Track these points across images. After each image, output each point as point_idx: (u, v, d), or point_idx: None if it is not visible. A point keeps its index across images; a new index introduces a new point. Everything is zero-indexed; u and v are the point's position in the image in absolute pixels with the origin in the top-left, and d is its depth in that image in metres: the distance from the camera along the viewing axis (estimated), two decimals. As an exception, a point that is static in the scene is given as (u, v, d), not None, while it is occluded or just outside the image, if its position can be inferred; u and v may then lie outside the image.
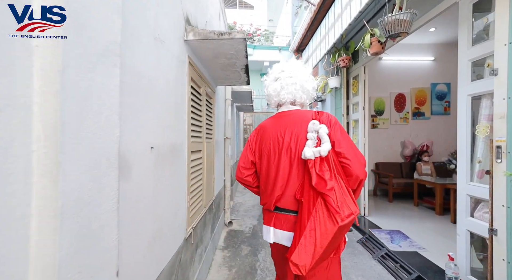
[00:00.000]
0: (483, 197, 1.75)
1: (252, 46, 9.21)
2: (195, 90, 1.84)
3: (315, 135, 1.04)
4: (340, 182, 1.00)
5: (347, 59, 3.07)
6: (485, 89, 1.74)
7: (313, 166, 0.99)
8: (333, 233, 0.93)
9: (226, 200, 3.48)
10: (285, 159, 1.12)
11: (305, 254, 0.95)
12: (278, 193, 1.12)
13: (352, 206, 0.97)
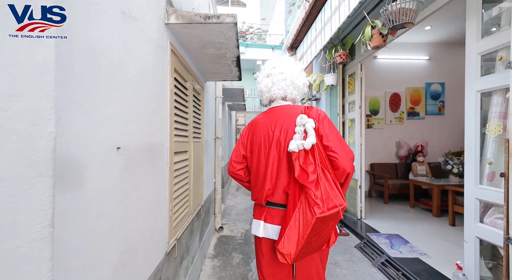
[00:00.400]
0: (494, 201, 1.62)
1: (245, 44, 9.03)
2: (180, 84, 1.63)
3: (302, 129, 1.05)
4: (327, 175, 1.02)
5: (344, 55, 2.92)
6: (497, 85, 1.60)
7: (297, 158, 1.01)
8: (312, 224, 0.95)
9: (216, 204, 3.27)
10: (275, 153, 1.13)
11: (289, 243, 0.99)
12: (269, 187, 1.14)
13: (337, 199, 0.99)
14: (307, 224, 0.96)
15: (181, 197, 1.66)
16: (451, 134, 5.18)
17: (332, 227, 1.04)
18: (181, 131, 1.66)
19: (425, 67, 5.16)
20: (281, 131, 1.13)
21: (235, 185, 6.44)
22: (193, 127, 2.05)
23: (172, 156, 1.44)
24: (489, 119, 1.70)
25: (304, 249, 1.00)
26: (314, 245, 1.04)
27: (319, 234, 1.01)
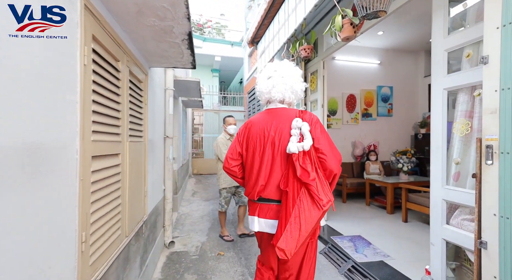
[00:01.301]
0: (461, 202, 1.58)
1: (202, 38, 8.48)
2: (105, 62, 1.17)
3: (298, 131, 1.13)
4: (319, 174, 1.12)
5: (309, 49, 2.76)
6: (463, 83, 1.56)
7: (297, 159, 1.09)
8: (318, 218, 1.06)
9: (166, 215, 2.78)
10: (269, 152, 1.21)
11: (291, 239, 1.03)
12: (262, 183, 1.22)
13: (329, 194, 1.11)
14: (311, 218, 1.04)
15: (107, 218, 1.20)
16: (398, 135, 5.59)
17: (319, 221, 1.13)
18: (106, 127, 1.20)
19: (376, 71, 5.46)
20: (276, 132, 1.20)
21: (191, 189, 5.89)
22: (131, 123, 1.59)
23: (87, 162, 0.99)
24: (455, 118, 1.66)
25: (302, 242, 1.07)
26: (307, 238, 1.12)
27: (314, 227, 1.10)
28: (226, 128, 3.06)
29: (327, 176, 1.15)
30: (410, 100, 5.66)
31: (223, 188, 3.02)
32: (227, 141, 3.02)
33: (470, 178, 1.59)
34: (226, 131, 3.08)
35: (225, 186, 3.00)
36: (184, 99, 4.82)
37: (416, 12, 3.92)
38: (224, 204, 3.04)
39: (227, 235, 3.01)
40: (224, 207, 3.05)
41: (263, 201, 1.23)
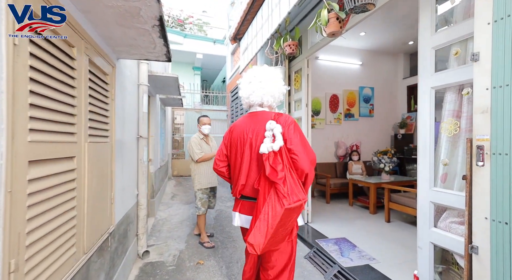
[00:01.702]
0: (450, 205, 1.53)
1: (183, 34, 8.16)
2: (52, 45, 0.96)
3: (271, 133, 1.18)
4: (292, 174, 1.15)
5: (294, 45, 2.65)
6: (451, 81, 1.52)
7: (267, 159, 1.14)
8: (281, 215, 1.08)
9: (140, 223, 2.53)
10: (247, 153, 1.29)
11: (259, 234, 1.09)
12: (242, 182, 1.30)
13: (300, 194, 1.12)
14: (275, 215, 1.07)
15: (54, 235, 0.99)
16: (379, 135, 5.68)
17: (295, 220, 1.18)
18: (54, 125, 0.99)
19: (358, 71, 5.51)
20: (254, 134, 1.26)
21: (170, 192, 5.60)
22: (91, 120, 1.37)
23: (20, 168, 0.78)
24: (442, 117, 1.62)
25: (272, 239, 1.10)
26: (279, 237, 1.15)
27: (284, 225, 1.12)
28: (200, 128, 2.94)
29: (299, 175, 1.18)
30: (390, 101, 5.78)
31: (198, 189, 2.88)
32: (200, 141, 2.90)
33: (458, 179, 1.55)
34: (200, 131, 2.97)
35: (200, 187, 2.87)
36: (162, 97, 4.55)
37: (396, 14, 3.97)
38: (201, 206, 2.89)
39: (207, 242, 2.84)
40: (201, 209, 2.89)
41: (244, 198, 1.32)
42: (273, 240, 1.12)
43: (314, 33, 3.08)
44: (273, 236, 1.10)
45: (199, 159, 2.80)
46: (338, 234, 2.95)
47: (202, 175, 2.86)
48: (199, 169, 2.87)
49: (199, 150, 2.82)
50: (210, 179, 2.90)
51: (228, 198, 5.17)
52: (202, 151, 2.85)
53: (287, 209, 1.07)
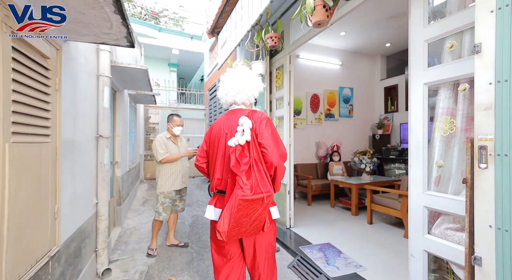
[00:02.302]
0: (446, 210, 1.41)
1: (157, 28, 7.66)
2: None
3: (241, 128, 1.22)
4: (259, 167, 1.20)
5: (276, 37, 2.46)
6: (445, 77, 1.41)
7: (233, 152, 1.18)
8: (237, 205, 1.11)
9: (99, 236, 2.17)
10: (222, 148, 1.34)
11: (224, 223, 1.16)
12: (218, 176, 1.34)
13: (266, 187, 1.16)
14: (234, 206, 1.12)
15: None
16: (358, 135, 5.72)
17: (262, 212, 1.19)
18: None
19: (338, 72, 5.50)
20: (229, 130, 1.32)
21: (141, 197, 5.14)
22: (17, 113, 1.05)
23: None
24: (436, 116, 1.51)
25: (237, 228, 1.17)
26: (247, 227, 1.20)
27: (247, 216, 1.16)
28: (171, 127, 2.67)
29: (268, 168, 1.22)
30: (368, 102, 5.85)
31: (160, 192, 2.61)
32: (166, 140, 2.63)
33: (453, 182, 1.45)
34: (169, 131, 2.69)
35: (162, 190, 2.60)
36: (132, 93, 4.13)
37: (375, 16, 3.97)
38: (162, 211, 2.61)
39: (151, 249, 2.61)
40: (162, 215, 2.61)
41: (220, 192, 1.35)
42: (238, 229, 1.18)
43: (297, 28, 2.93)
44: (236, 225, 1.16)
45: (163, 159, 2.52)
46: (322, 239, 2.81)
47: (166, 177, 2.60)
48: (163, 171, 2.60)
49: (163, 150, 2.54)
50: (175, 181, 2.63)
51: (205, 202, 4.86)
52: (168, 151, 2.58)
53: (243, 200, 1.10)
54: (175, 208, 2.79)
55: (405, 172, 4.81)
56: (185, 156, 2.70)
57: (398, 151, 5.09)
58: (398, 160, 4.95)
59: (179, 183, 2.67)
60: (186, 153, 2.69)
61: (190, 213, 4.18)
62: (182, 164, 2.70)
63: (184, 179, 2.73)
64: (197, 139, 7.95)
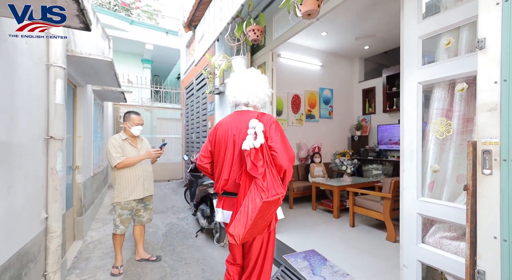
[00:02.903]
0: (442, 218, 1.32)
1: (129, 20, 7.13)
2: None
3: (253, 131, 1.24)
4: (271, 170, 1.22)
5: (258, 30, 2.27)
6: (442, 75, 1.32)
7: (249, 155, 1.20)
8: (260, 207, 1.14)
9: (50, 257, 1.82)
10: (230, 149, 1.35)
11: (239, 226, 1.16)
12: (225, 178, 1.36)
13: (279, 189, 1.19)
14: (255, 208, 1.14)
15: None
16: (337, 137, 5.75)
17: (273, 212, 1.24)
18: None
19: (319, 73, 5.48)
20: (237, 132, 1.33)
21: (109, 204, 4.67)
22: None
23: None
24: (430, 117, 1.42)
25: (251, 230, 1.18)
26: (258, 228, 1.22)
27: (263, 217, 1.19)
28: (129, 127, 2.32)
29: (278, 171, 1.25)
30: (347, 104, 5.92)
31: (117, 202, 2.27)
32: (122, 142, 2.28)
33: (448, 188, 1.37)
34: (126, 131, 2.36)
35: (119, 200, 2.25)
36: (97, 89, 3.70)
37: (355, 17, 3.97)
38: (120, 224, 2.29)
39: (115, 267, 2.30)
40: (120, 228, 2.29)
41: (227, 194, 1.37)
42: (252, 231, 1.19)
43: (280, 23, 2.78)
44: (252, 227, 1.17)
45: (119, 164, 2.18)
46: (306, 245, 2.68)
47: (124, 184, 2.25)
48: (120, 177, 2.25)
49: (118, 153, 2.20)
50: (135, 189, 2.29)
51: (182, 208, 4.53)
52: (124, 154, 2.24)
53: (265, 202, 1.13)
54: (139, 219, 2.47)
55: (381, 172, 4.90)
56: (146, 159, 2.35)
57: (375, 152, 5.18)
58: (376, 161, 5.03)
59: (140, 190, 2.33)
60: (147, 155, 2.32)
61: (164, 220, 3.85)
62: (144, 169, 2.37)
63: (147, 185, 2.39)
64: (173, 140, 7.52)
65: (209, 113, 4.66)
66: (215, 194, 2.92)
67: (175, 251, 2.79)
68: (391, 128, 5.03)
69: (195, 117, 5.72)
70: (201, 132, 5.21)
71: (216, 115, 4.18)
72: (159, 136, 7.49)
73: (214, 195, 2.92)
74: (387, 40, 4.86)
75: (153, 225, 3.58)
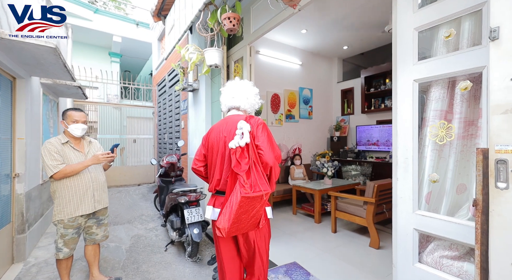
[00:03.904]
0: (441, 234, 1.16)
1: (93, 8, 6.46)
2: None
3: (240, 132, 1.31)
4: (258, 168, 1.29)
5: (235, 19, 1.99)
6: (442, 72, 1.16)
7: (234, 153, 1.27)
8: (239, 202, 1.20)
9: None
10: (222, 150, 1.41)
11: (224, 219, 1.24)
12: (218, 177, 1.42)
13: (264, 186, 1.25)
14: (236, 202, 1.20)
15: None
16: (317, 137, 5.67)
17: (260, 210, 1.28)
18: None
19: (298, 72, 5.34)
20: (227, 133, 1.40)
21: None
22: None
23: None
24: (427, 120, 1.26)
25: (236, 224, 1.25)
26: (245, 223, 1.28)
27: (247, 213, 1.24)
28: (66, 126, 1.90)
29: (264, 168, 1.32)
30: (326, 104, 5.86)
31: (58, 220, 1.83)
32: (61, 147, 1.85)
33: (447, 200, 1.21)
34: (65, 133, 1.94)
35: (61, 218, 1.82)
36: (47, 83, 3.18)
37: (334, 16, 3.87)
38: (63, 247, 1.86)
39: None
40: (63, 251, 1.85)
41: (219, 193, 1.43)
42: (238, 225, 1.25)
43: (259, 14, 2.53)
44: (236, 221, 1.23)
45: (57, 174, 1.76)
46: (287, 257, 2.47)
47: (66, 198, 1.82)
48: (60, 190, 1.82)
49: (54, 161, 1.77)
50: (82, 202, 1.88)
51: (151, 216, 4.12)
52: (64, 162, 1.82)
53: (245, 197, 1.18)
54: (91, 238, 2.05)
55: (359, 173, 4.88)
56: (93, 165, 1.94)
57: (354, 153, 5.16)
58: (355, 162, 5.00)
59: (89, 203, 1.91)
60: (94, 159, 1.88)
61: (130, 232, 3.43)
62: (93, 177, 1.95)
63: (98, 197, 1.98)
64: (146, 141, 6.95)
65: (182, 112, 4.29)
66: (186, 203, 2.61)
67: (139, 270, 2.42)
68: (369, 129, 5.04)
69: (167, 116, 5.29)
70: (174, 133, 4.81)
71: (189, 115, 3.84)
72: (129, 137, 6.89)
73: (185, 204, 2.60)
74: (365, 40, 4.85)
75: (115, 239, 3.15)
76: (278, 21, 2.23)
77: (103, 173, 2.11)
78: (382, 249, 2.66)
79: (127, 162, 6.83)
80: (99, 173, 2.05)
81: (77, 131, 1.91)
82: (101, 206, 2.03)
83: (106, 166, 2.16)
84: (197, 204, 2.66)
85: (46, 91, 3.43)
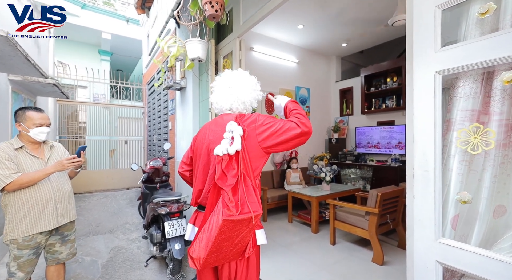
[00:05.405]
0: (473, 273, 0.89)
1: (80, 3, 6.15)
2: None
3: (230, 135, 1.05)
4: (247, 182, 1.00)
5: (218, 3, 1.70)
6: (474, 61, 0.89)
7: (220, 162, 1.01)
8: (220, 226, 0.92)
9: None
10: (205, 157, 1.19)
11: (199, 247, 0.98)
12: (199, 188, 1.20)
13: (254, 205, 0.97)
14: (217, 227, 0.94)
15: None
16: (314, 139, 5.40)
17: (247, 236, 1.01)
18: None
19: (295, 70, 5.08)
20: (213, 136, 1.17)
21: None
22: None
23: None
24: (453, 122, 0.99)
25: (215, 254, 0.98)
26: (227, 252, 1.01)
27: (230, 240, 0.97)
28: (27, 130, 1.60)
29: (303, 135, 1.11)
30: (324, 104, 5.60)
31: (10, 240, 1.54)
32: (13, 153, 1.55)
33: (479, 225, 0.94)
34: (21, 136, 1.63)
35: (14, 237, 1.52)
36: (18, 79, 2.87)
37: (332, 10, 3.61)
38: (17, 270, 1.55)
39: None
40: (17, 276, 1.55)
41: (201, 208, 1.21)
42: (217, 255, 0.99)
43: (249, 3, 2.26)
44: (215, 250, 0.97)
45: (9, 185, 1.46)
46: (281, 275, 2.20)
47: (21, 213, 1.53)
48: (14, 203, 1.53)
49: (6, 169, 1.47)
50: (41, 217, 1.59)
51: (136, 224, 3.82)
52: (19, 170, 1.53)
53: (227, 221, 0.92)
54: (54, 257, 1.74)
55: (359, 176, 4.63)
56: (56, 172, 1.62)
57: (354, 155, 4.90)
58: (354, 165, 4.75)
59: (50, 218, 1.62)
60: (57, 166, 1.58)
61: (109, 243, 3.13)
62: (56, 187, 1.66)
63: (62, 209, 1.68)
64: (137, 143, 6.64)
65: (170, 113, 4.00)
66: (167, 214, 2.32)
67: (114, 291, 2.14)
68: (370, 131, 4.78)
69: (156, 117, 5.00)
70: (163, 135, 4.52)
71: (177, 115, 3.55)
72: (121, 138, 6.58)
73: (166, 216, 2.32)
74: (365, 37, 4.60)
75: (92, 252, 2.86)
76: (271, 9, 1.96)
77: (68, 182, 1.81)
78: (387, 266, 2.39)
79: (118, 164, 6.52)
80: (64, 181, 1.75)
81: (40, 136, 1.61)
82: (66, 220, 1.73)
83: (72, 173, 1.87)
84: (180, 215, 2.37)
85: (17, 89, 3.12)
